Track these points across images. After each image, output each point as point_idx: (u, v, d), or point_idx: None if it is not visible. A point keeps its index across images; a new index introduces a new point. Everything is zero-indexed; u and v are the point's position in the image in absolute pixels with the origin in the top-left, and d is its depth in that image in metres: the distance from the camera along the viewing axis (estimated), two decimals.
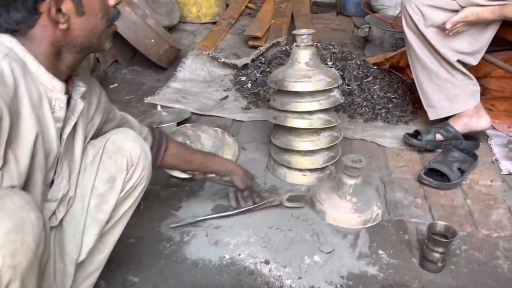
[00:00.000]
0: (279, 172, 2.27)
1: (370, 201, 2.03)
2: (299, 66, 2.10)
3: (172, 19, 3.74)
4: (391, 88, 2.97)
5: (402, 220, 2.04)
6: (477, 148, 2.52)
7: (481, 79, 2.86)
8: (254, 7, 4.61)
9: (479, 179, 2.33)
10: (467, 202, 2.17)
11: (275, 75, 2.16)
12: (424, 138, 2.47)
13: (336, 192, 2.03)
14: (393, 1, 4.06)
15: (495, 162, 2.44)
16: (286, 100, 2.13)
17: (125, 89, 3.05)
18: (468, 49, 2.40)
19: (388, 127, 2.73)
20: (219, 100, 2.96)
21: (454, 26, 2.30)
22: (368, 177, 2.27)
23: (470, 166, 2.32)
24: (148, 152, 1.48)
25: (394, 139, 2.61)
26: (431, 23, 2.37)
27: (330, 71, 2.15)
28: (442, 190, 2.23)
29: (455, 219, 2.07)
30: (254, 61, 3.21)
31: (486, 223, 2.05)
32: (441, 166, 2.26)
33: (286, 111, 2.14)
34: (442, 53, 2.39)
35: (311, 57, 2.10)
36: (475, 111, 2.48)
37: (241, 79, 3.14)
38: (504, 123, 2.71)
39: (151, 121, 2.44)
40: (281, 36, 3.59)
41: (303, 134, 2.17)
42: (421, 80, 2.51)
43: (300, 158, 2.22)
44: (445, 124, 2.51)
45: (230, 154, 2.37)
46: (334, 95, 2.13)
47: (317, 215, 2.04)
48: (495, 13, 2.25)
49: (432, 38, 2.38)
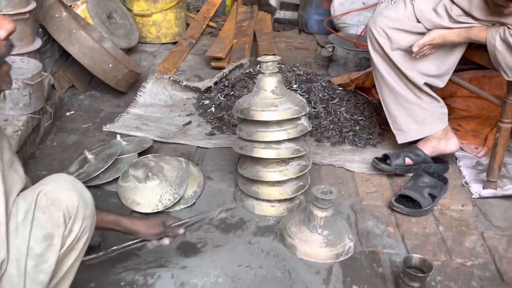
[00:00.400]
0: (247, 204, 2.18)
1: (341, 233, 1.96)
2: (265, 94, 2.03)
3: (131, 40, 3.62)
4: (357, 110, 2.92)
5: (375, 252, 1.98)
6: (446, 171, 2.49)
7: (447, 99, 2.84)
8: (216, 25, 4.52)
9: (450, 204, 2.29)
10: (440, 229, 2.13)
11: (240, 103, 2.07)
12: (393, 162, 2.42)
13: (306, 225, 1.96)
14: (355, 19, 4.04)
15: (465, 185, 2.42)
16: (253, 130, 2.05)
17: (82, 116, 2.91)
18: (435, 72, 2.37)
19: (356, 151, 2.68)
20: (182, 126, 2.85)
21: (421, 49, 2.27)
22: (338, 205, 2.21)
23: (441, 191, 2.29)
24: (88, 199, 1.32)
25: (363, 163, 2.56)
26: (397, 46, 2.33)
27: (297, 98, 2.08)
28: (414, 217, 2.18)
29: (428, 247, 2.02)
30: (217, 84, 3.11)
31: (460, 251, 2.01)
32: (412, 193, 2.21)
33: (252, 141, 2.05)
34: (409, 76, 2.35)
35: (277, 85, 2.03)
36: (443, 134, 2.45)
37: (204, 102, 3.05)
38: (472, 144, 2.69)
39: (110, 152, 2.32)
40: (244, 57, 3.51)
41: (271, 164, 2.09)
42: (389, 104, 2.47)
43: (268, 189, 2.13)
44: (414, 147, 2.47)
45: (195, 186, 2.27)
46: (302, 123, 2.06)
47: (287, 250, 1.95)
48: (461, 36, 2.23)
49: (399, 61, 2.34)
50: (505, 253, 2.00)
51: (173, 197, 2.17)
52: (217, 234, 2.03)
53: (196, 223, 1.84)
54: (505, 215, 2.23)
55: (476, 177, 2.44)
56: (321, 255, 1.91)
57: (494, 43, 2.10)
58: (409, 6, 2.32)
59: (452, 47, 2.31)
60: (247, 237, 2.03)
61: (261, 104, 2.00)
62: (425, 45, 2.26)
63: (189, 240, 1.98)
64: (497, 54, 2.10)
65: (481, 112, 2.89)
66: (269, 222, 2.12)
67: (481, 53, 2.26)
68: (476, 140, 2.70)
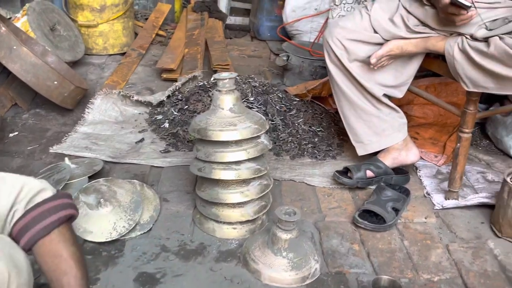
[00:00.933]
0: (207, 227, 2.08)
1: (307, 255, 1.89)
2: (223, 113, 1.93)
3: (76, 53, 3.45)
4: (315, 121, 2.86)
5: (342, 272, 1.92)
6: (407, 182, 2.46)
7: (404, 107, 2.83)
8: (165, 34, 4.39)
9: (414, 216, 2.26)
10: (405, 244, 2.09)
11: (197, 123, 1.97)
12: (354, 175, 2.37)
13: (270, 248, 1.87)
14: (308, 26, 4.00)
15: (427, 196, 2.39)
16: (211, 150, 1.95)
17: (27, 137, 2.73)
18: (393, 83, 2.34)
19: (316, 164, 2.62)
20: (135, 144, 2.72)
21: (379, 60, 2.23)
22: (302, 223, 2.14)
23: (404, 203, 2.25)
24: (21, 263, 1.16)
25: (324, 177, 2.50)
26: (355, 57, 2.28)
27: (256, 116, 2.00)
28: (378, 232, 2.14)
29: (395, 264, 1.97)
30: (170, 98, 2.99)
31: (426, 266, 1.97)
32: (376, 207, 2.17)
33: (211, 162, 1.96)
34: (368, 88, 2.31)
35: (235, 102, 1.94)
36: (403, 145, 2.42)
37: (157, 118, 2.92)
38: (431, 152, 2.68)
39: (59, 178, 2.17)
40: (197, 67, 3.40)
41: (231, 185, 1.99)
42: (348, 116, 2.42)
43: (229, 211, 2.04)
44: (375, 159, 2.43)
45: (151, 210, 2.15)
46: (262, 142, 1.98)
47: (252, 276, 1.86)
48: (419, 46, 2.20)
49: (357, 73, 2.30)
50: (471, 266, 1.97)
51: (128, 223, 2.04)
52: (176, 262, 1.92)
53: None
54: (468, 226, 2.21)
55: (437, 186, 2.42)
56: (287, 279, 1.84)
57: (453, 54, 2.07)
58: (365, 17, 2.27)
59: (410, 57, 2.28)
60: (208, 263, 1.92)
61: (219, 124, 1.91)
62: (383, 56, 2.22)
63: (146, 270, 1.86)
64: (456, 65, 2.08)
65: (438, 119, 2.89)
66: (231, 246, 2.02)
67: (439, 63, 2.24)
68: (435, 148, 2.69)
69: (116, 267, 1.89)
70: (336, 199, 2.36)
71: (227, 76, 1.92)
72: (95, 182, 2.17)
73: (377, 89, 2.32)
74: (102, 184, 2.16)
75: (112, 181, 2.19)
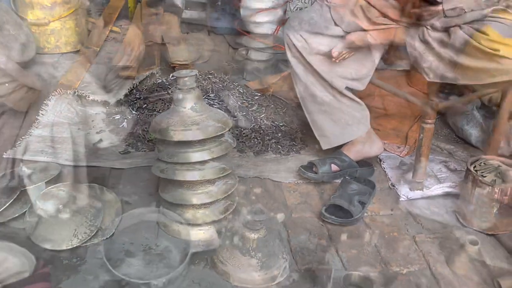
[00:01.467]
0: (173, 230, 2.02)
1: (275, 253, 1.86)
2: (184, 112, 1.87)
3: (28, 53, 3.30)
4: (277, 115, 2.83)
5: (311, 269, 1.90)
6: (372, 174, 2.46)
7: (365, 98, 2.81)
8: (119, 30, 4.26)
9: (380, 209, 2.26)
10: (373, 237, 2.08)
11: (158, 123, 1.90)
12: (319, 170, 2.35)
13: (239, 249, 1.83)
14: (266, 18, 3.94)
15: (391, 187, 2.39)
16: (173, 151, 1.89)
17: None
18: (355, 75, 2.33)
19: (281, 160, 2.58)
20: (92, 145, 2.63)
21: (340, 53, 2.21)
22: (269, 221, 2.10)
23: (370, 196, 2.25)
24: None
25: (289, 172, 2.47)
26: (316, 51, 2.26)
27: (219, 113, 1.95)
28: (345, 226, 2.12)
29: (363, 258, 1.97)
30: (128, 96, 2.91)
31: (395, 259, 1.97)
32: (342, 202, 2.15)
33: (174, 163, 1.90)
34: (330, 81, 2.29)
35: (197, 101, 1.89)
36: (367, 137, 2.42)
37: (115, 117, 2.83)
38: (394, 143, 2.68)
39: (13, 185, 2.07)
40: (154, 64, 3.32)
41: (195, 186, 1.94)
42: (310, 110, 2.40)
43: (194, 212, 1.98)
44: (339, 153, 2.41)
45: (113, 214, 2.08)
46: (226, 140, 1.94)
47: (220, 278, 1.82)
48: (380, 37, 2.20)
49: (318, 67, 2.27)
50: (439, 257, 1.98)
51: (90, 229, 1.96)
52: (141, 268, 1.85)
53: None
54: (433, 216, 2.22)
55: (402, 177, 2.43)
56: (257, 279, 1.80)
57: (414, 44, 2.07)
58: (325, 9, 2.25)
59: (372, 50, 2.27)
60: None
61: (181, 123, 1.85)
62: (345, 49, 2.20)
63: (110, 278, 1.79)
64: (417, 55, 2.08)
65: (400, 110, 2.90)
66: (198, 248, 1.97)
67: (401, 54, 2.24)
68: (397, 140, 2.70)
69: (79, 275, 1.81)
70: (301, 194, 2.34)
71: (187, 73, 1.86)
72: (53, 187, 2.08)
73: (339, 82, 2.30)
74: (60, 189, 2.07)
75: (70, 186, 2.10)
